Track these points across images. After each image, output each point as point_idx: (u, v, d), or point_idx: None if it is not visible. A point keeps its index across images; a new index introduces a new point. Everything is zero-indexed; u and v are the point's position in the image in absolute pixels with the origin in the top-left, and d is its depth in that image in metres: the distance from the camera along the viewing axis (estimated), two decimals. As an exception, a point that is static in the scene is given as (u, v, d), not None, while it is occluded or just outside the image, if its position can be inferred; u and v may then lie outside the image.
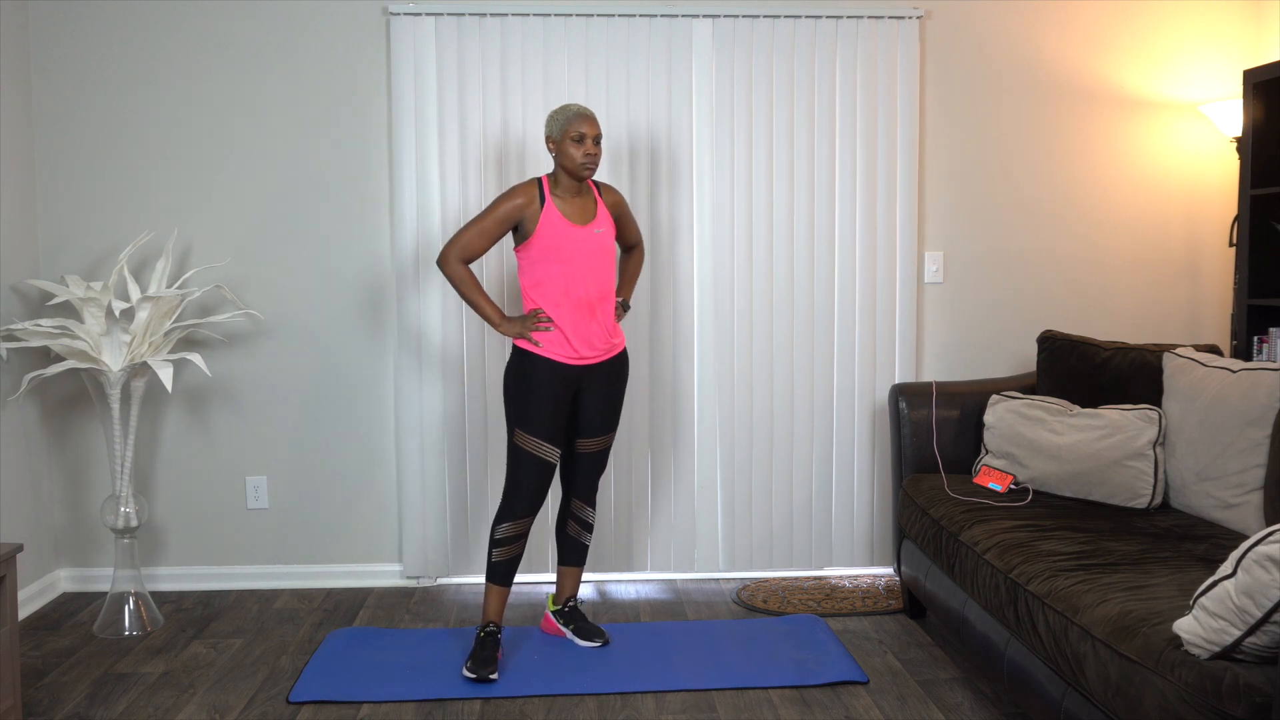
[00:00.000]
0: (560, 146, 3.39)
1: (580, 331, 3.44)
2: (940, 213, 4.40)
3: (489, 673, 3.34)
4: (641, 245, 3.77)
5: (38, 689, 3.36)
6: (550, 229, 3.40)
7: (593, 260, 3.45)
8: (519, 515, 3.45)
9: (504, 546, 3.46)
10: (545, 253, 3.41)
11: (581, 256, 3.43)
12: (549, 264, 3.41)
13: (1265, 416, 3.11)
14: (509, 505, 3.46)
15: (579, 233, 3.43)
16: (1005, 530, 3.17)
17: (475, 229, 3.43)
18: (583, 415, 3.55)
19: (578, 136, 3.37)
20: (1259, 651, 2.10)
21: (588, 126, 3.37)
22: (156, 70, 4.15)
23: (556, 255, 3.41)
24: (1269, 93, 3.91)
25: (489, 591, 3.50)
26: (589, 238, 3.45)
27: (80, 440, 4.24)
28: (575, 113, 3.39)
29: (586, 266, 3.44)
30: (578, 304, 3.43)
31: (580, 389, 3.52)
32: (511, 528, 3.45)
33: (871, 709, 3.17)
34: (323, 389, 4.28)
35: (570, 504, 3.67)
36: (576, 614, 3.69)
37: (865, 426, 4.35)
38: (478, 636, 3.46)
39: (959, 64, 4.34)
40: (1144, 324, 4.48)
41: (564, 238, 3.41)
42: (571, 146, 3.38)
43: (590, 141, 3.38)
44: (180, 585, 4.30)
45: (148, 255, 4.16)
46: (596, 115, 3.50)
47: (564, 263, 3.41)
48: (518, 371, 3.46)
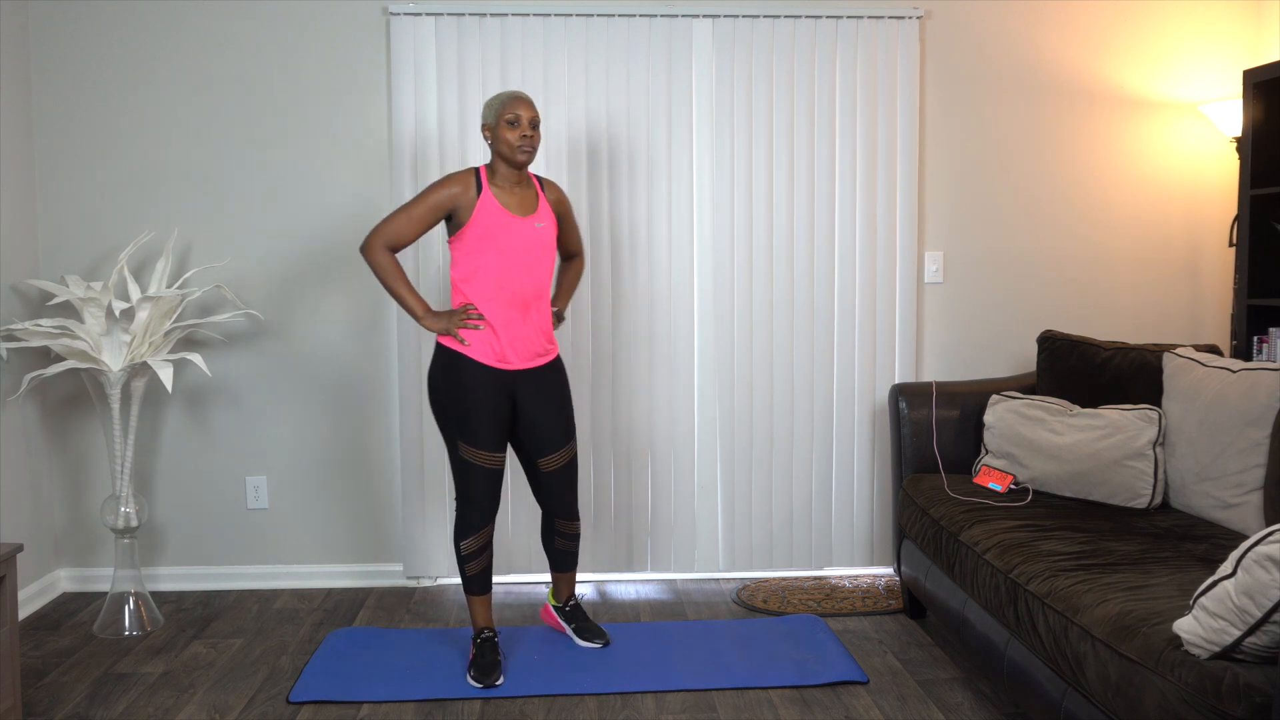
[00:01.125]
0: (496, 132, 3.27)
1: (511, 331, 3.30)
2: (940, 213, 4.40)
3: (494, 679, 3.32)
4: (582, 255, 3.66)
5: (38, 689, 3.36)
6: (486, 217, 3.26)
7: (530, 254, 3.30)
8: (478, 527, 3.36)
9: (472, 560, 3.39)
10: (480, 242, 3.26)
11: (518, 249, 3.28)
12: (483, 254, 3.26)
13: (1265, 416, 3.11)
14: (465, 520, 3.36)
15: (518, 223, 3.29)
16: (1005, 530, 3.17)
17: (404, 215, 3.28)
18: (534, 432, 3.41)
19: (513, 119, 3.25)
20: (1259, 651, 2.10)
21: (523, 109, 3.25)
22: (156, 70, 4.16)
23: (492, 245, 3.26)
24: (1269, 93, 3.91)
25: (472, 603, 3.46)
26: (528, 230, 3.30)
27: (80, 440, 4.24)
28: (510, 95, 3.28)
29: (523, 260, 3.29)
30: (511, 300, 3.29)
31: (517, 398, 3.37)
32: (474, 541, 3.37)
33: (871, 709, 3.17)
34: (323, 389, 4.28)
35: (553, 523, 3.55)
36: (579, 613, 3.68)
37: (865, 426, 4.35)
38: (475, 644, 3.43)
39: (959, 64, 4.35)
40: (1144, 324, 4.48)
41: (501, 227, 3.26)
42: (506, 130, 3.26)
43: (526, 124, 3.26)
44: (180, 585, 4.30)
45: (148, 255, 4.16)
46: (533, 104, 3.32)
47: (499, 253, 3.26)
48: (446, 377, 3.31)
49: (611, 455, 4.29)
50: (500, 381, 3.33)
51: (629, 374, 4.26)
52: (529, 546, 4.28)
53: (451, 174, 3.33)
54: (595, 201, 4.20)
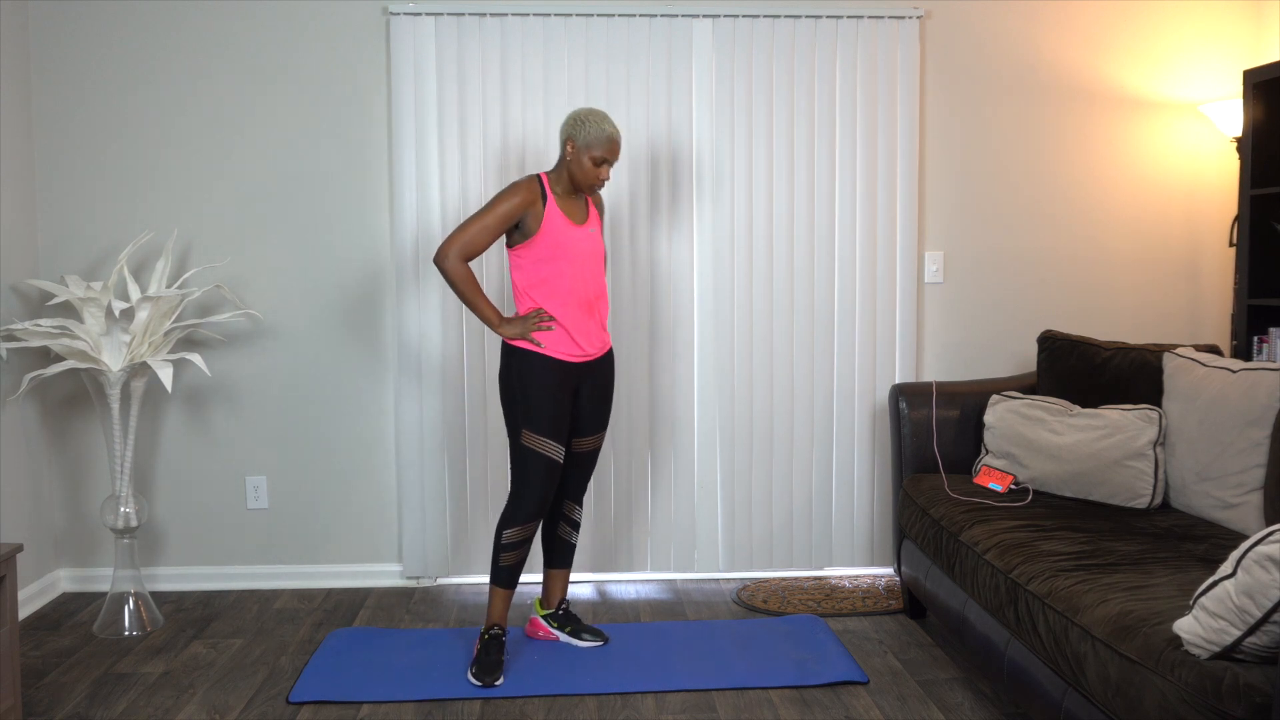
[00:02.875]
0: (578, 156, 3.35)
1: (581, 329, 3.43)
2: (940, 213, 4.40)
3: (494, 679, 3.32)
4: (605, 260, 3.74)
5: (38, 689, 3.36)
6: (554, 228, 3.38)
7: (591, 260, 3.45)
8: (527, 519, 3.39)
9: (511, 551, 3.40)
10: (550, 251, 3.37)
11: (582, 256, 3.42)
12: (554, 263, 3.38)
13: (1265, 416, 3.11)
14: (516, 509, 3.39)
15: (578, 232, 3.42)
16: (1005, 530, 3.17)
17: (478, 225, 3.31)
18: (580, 413, 3.54)
19: (600, 160, 3.35)
20: (1259, 651, 2.10)
21: (613, 154, 3.36)
22: (156, 70, 4.16)
23: (562, 254, 3.38)
24: (1269, 93, 3.91)
25: (494, 595, 3.44)
26: (585, 237, 3.44)
27: (80, 440, 4.24)
28: (609, 136, 3.34)
29: (586, 265, 3.43)
30: (580, 302, 3.42)
31: (578, 387, 3.51)
32: (519, 532, 3.39)
33: (871, 709, 3.17)
34: (323, 389, 4.28)
35: (562, 504, 3.64)
36: (571, 616, 3.67)
37: (865, 426, 4.35)
38: (482, 639, 3.43)
39: (959, 64, 4.35)
40: (1144, 324, 4.48)
41: (567, 236, 3.39)
42: (591, 164, 3.36)
43: (607, 167, 3.38)
44: (180, 585, 4.30)
45: (148, 255, 4.16)
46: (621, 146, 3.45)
47: (569, 261, 3.39)
48: (519, 372, 3.40)
49: (612, 455, 4.29)
50: (569, 374, 3.44)
51: (629, 374, 4.26)
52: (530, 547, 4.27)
53: (518, 183, 3.38)
54: (595, 201, 4.20)
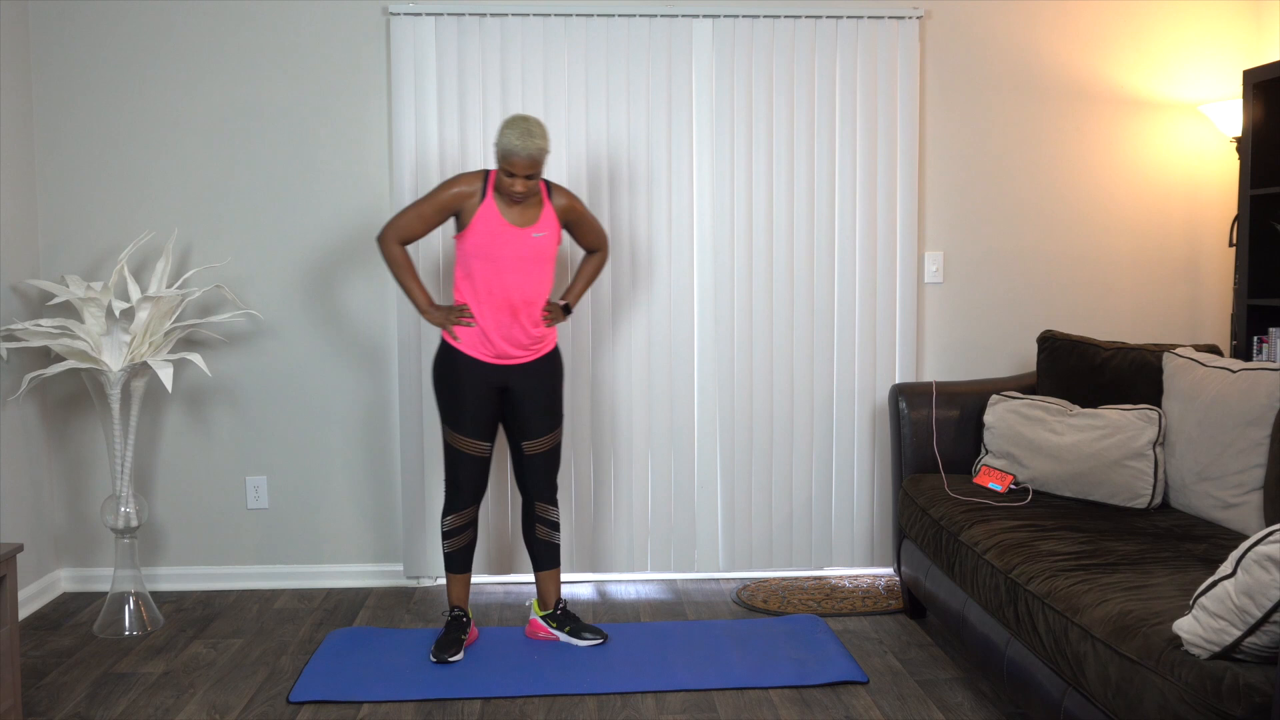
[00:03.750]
0: (498, 164, 3.34)
1: (501, 331, 3.44)
2: (940, 213, 4.40)
3: (449, 655, 3.46)
4: (604, 250, 3.72)
5: (38, 689, 3.36)
6: (485, 225, 3.38)
7: (524, 263, 3.41)
8: (460, 507, 3.57)
9: (453, 538, 3.58)
10: (477, 248, 3.40)
11: (512, 258, 3.40)
12: (479, 260, 3.40)
13: (1265, 416, 3.11)
14: (451, 500, 3.56)
15: (515, 233, 3.40)
16: (1005, 530, 3.17)
17: (414, 212, 3.43)
18: (521, 418, 3.55)
19: (508, 173, 3.33)
20: (1259, 651, 2.10)
21: (519, 168, 3.29)
22: (156, 70, 4.16)
23: (486, 253, 3.39)
24: (1269, 93, 3.91)
25: (449, 579, 3.63)
26: (524, 240, 3.41)
27: (80, 440, 4.24)
28: (512, 149, 3.27)
29: (517, 268, 3.41)
30: (500, 304, 3.42)
31: (508, 388, 3.52)
32: (457, 519, 3.57)
33: (871, 709, 3.17)
34: (323, 389, 4.28)
35: (533, 508, 3.64)
36: (569, 616, 3.67)
37: (865, 426, 4.35)
38: (445, 621, 3.63)
39: (959, 64, 4.35)
40: (1144, 324, 4.48)
41: (498, 236, 3.38)
42: (503, 174, 3.35)
43: (520, 180, 3.32)
44: (180, 585, 4.30)
45: (148, 255, 4.16)
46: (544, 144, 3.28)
47: (493, 261, 3.39)
48: (441, 367, 3.51)
49: (612, 455, 4.29)
50: (491, 375, 3.49)
51: (629, 373, 4.26)
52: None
53: (462, 174, 3.46)
54: (595, 201, 4.19)
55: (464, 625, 3.58)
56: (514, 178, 3.33)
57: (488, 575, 4.31)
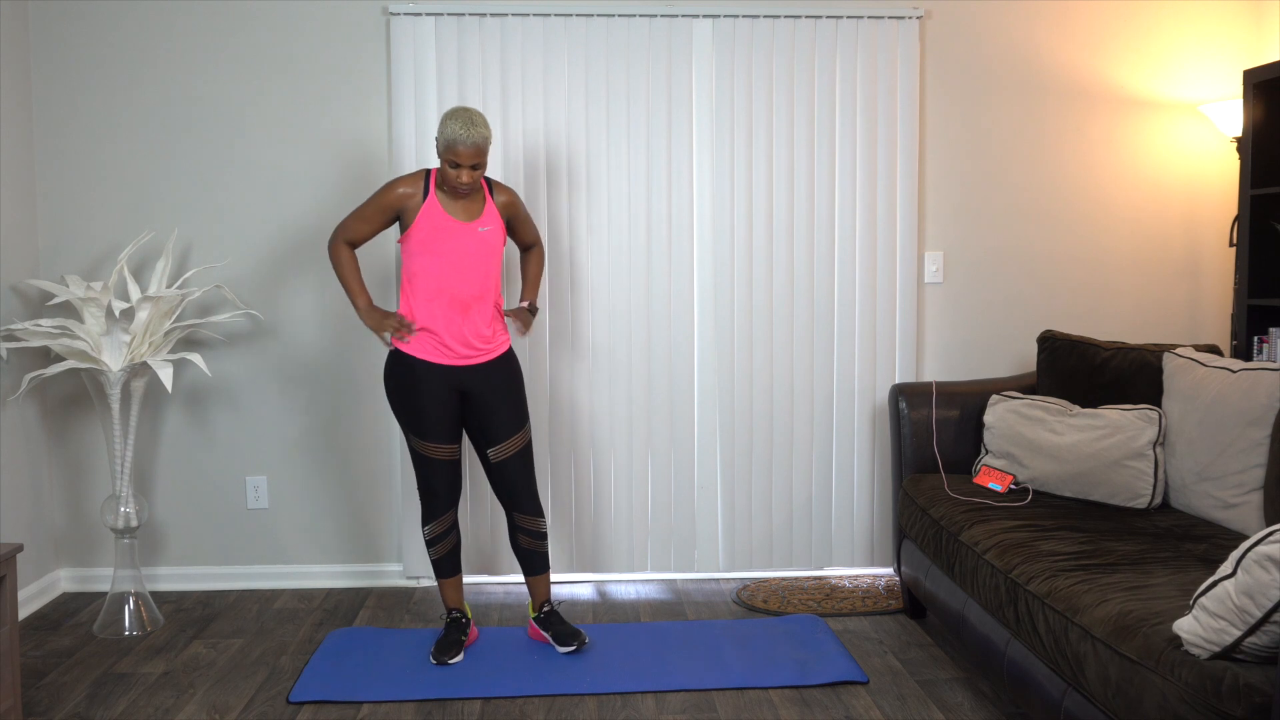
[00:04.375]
0: (441, 157, 3.32)
1: (453, 331, 3.41)
2: (940, 213, 4.40)
3: (448, 656, 3.46)
4: (540, 245, 3.73)
5: (38, 689, 3.36)
6: (429, 222, 3.37)
7: (471, 259, 3.40)
8: (438, 514, 3.55)
9: (437, 544, 3.58)
10: (422, 246, 3.38)
11: (459, 253, 3.38)
12: (425, 258, 3.38)
13: (1265, 416, 3.11)
14: (428, 508, 3.55)
15: (460, 228, 3.38)
16: (1005, 530, 3.17)
17: (358, 214, 3.43)
18: (483, 422, 3.50)
19: (452, 163, 3.29)
20: (1259, 651, 2.10)
21: (463, 157, 3.26)
22: (156, 70, 4.16)
23: (433, 249, 3.37)
24: (1269, 93, 3.91)
25: (440, 585, 3.64)
26: (470, 235, 3.39)
27: (80, 440, 4.24)
28: (453, 137, 3.24)
29: (464, 264, 3.39)
30: (451, 302, 3.40)
31: (465, 391, 3.47)
32: (437, 526, 3.56)
33: (871, 709, 3.17)
34: (323, 389, 4.28)
35: (514, 518, 3.58)
36: (554, 619, 3.63)
37: (865, 426, 4.35)
38: (444, 624, 3.63)
39: (959, 64, 4.35)
40: (1144, 324, 4.48)
41: (443, 232, 3.37)
42: (447, 166, 3.31)
43: (466, 170, 3.29)
44: (180, 585, 4.30)
45: (148, 255, 4.17)
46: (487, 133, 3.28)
47: (440, 257, 3.37)
48: (394, 374, 3.46)
49: (611, 455, 4.29)
50: (448, 377, 3.46)
51: (628, 373, 4.26)
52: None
53: (403, 175, 3.46)
54: (594, 201, 4.20)
55: (464, 626, 3.58)
56: (459, 168, 3.29)
57: (488, 575, 4.31)
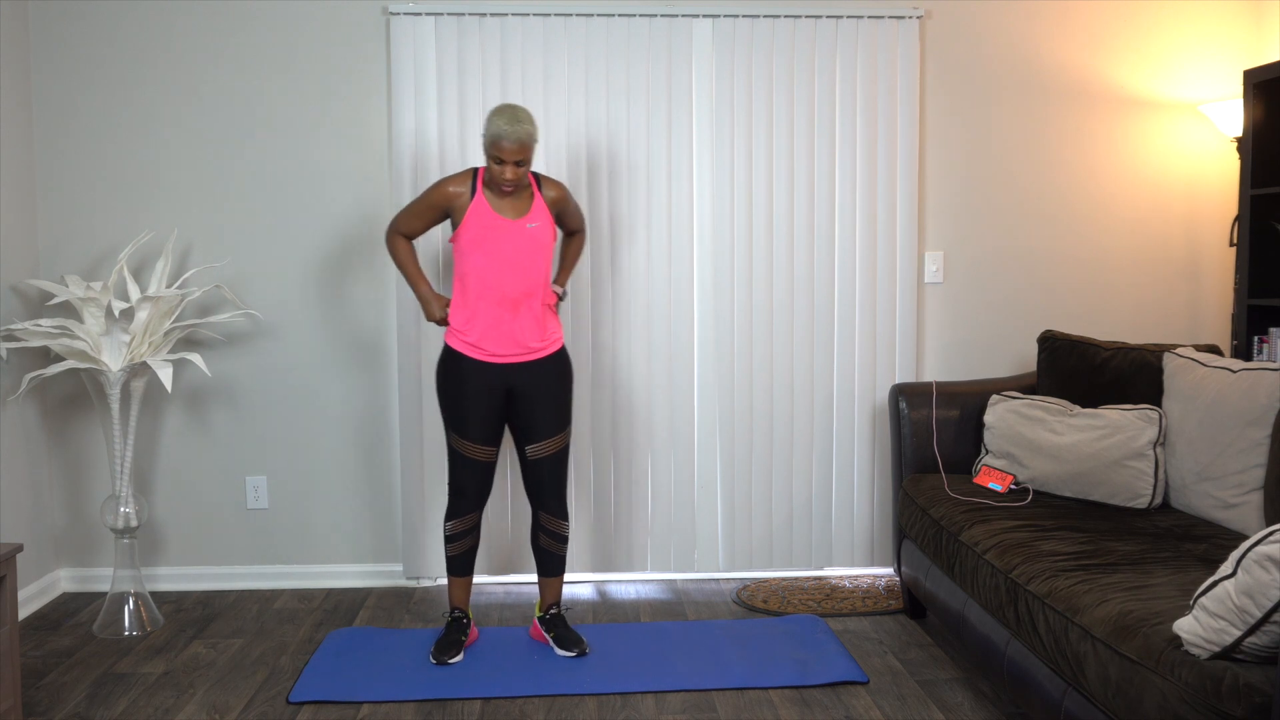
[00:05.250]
0: (487, 153, 3.33)
1: (501, 329, 3.42)
2: (940, 213, 4.40)
3: (448, 656, 3.46)
4: (583, 231, 3.73)
5: (38, 689, 3.36)
6: (477, 221, 3.38)
7: (520, 256, 3.40)
8: (464, 513, 3.55)
9: (455, 542, 3.57)
10: (471, 245, 3.39)
11: (508, 252, 3.39)
12: (473, 257, 3.39)
13: (1265, 416, 3.11)
14: (455, 505, 3.55)
15: (508, 226, 3.38)
16: (1005, 530, 3.17)
17: (409, 209, 3.49)
18: (525, 419, 3.51)
19: (497, 159, 3.31)
20: (1259, 651, 2.10)
21: (508, 153, 3.28)
22: (157, 70, 4.15)
23: (481, 248, 3.38)
24: (1269, 93, 3.91)
25: (450, 582, 3.63)
26: (519, 232, 3.39)
27: (80, 440, 4.24)
28: (499, 133, 3.26)
29: (513, 262, 3.39)
30: (500, 300, 3.41)
31: (512, 389, 3.49)
32: (459, 525, 3.55)
33: (871, 709, 3.17)
34: (323, 389, 4.28)
35: (539, 517, 3.60)
36: (558, 621, 3.64)
37: (865, 426, 4.35)
38: (445, 622, 3.62)
39: (959, 64, 4.35)
40: (1144, 324, 4.48)
41: (491, 229, 3.38)
42: (492, 162, 3.33)
43: (510, 166, 3.30)
44: (180, 585, 4.30)
45: (148, 255, 4.17)
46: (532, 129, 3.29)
47: (488, 256, 3.38)
48: (443, 370, 3.50)
49: (612, 455, 4.29)
50: (495, 376, 3.47)
51: (629, 373, 4.26)
52: (528, 547, 4.28)
53: (451, 175, 3.48)
54: (595, 201, 4.20)
55: (464, 626, 3.58)
56: (503, 164, 3.30)
57: (488, 575, 4.31)
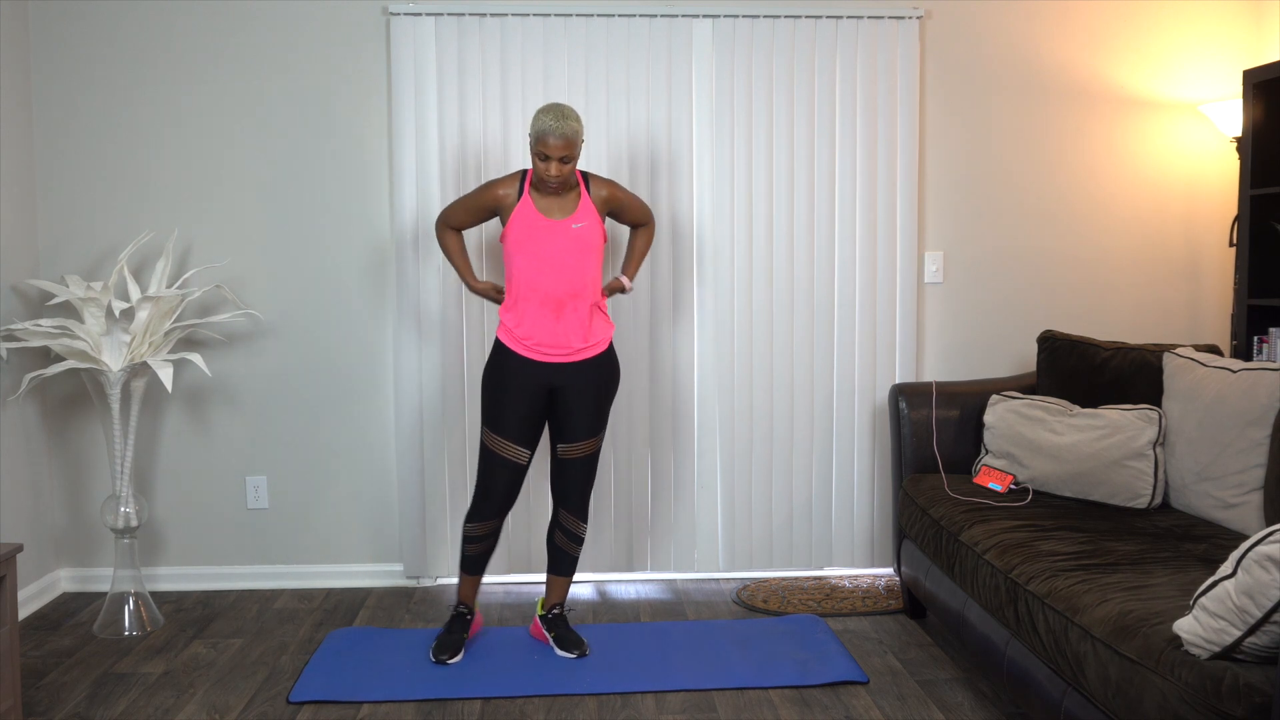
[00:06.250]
0: (532, 151, 3.34)
1: (547, 329, 3.42)
2: (940, 213, 4.40)
3: (447, 656, 3.46)
4: (650, 224, 3.67)
5: (38, 689, 3.36)
6: (522, 221, 3.39)
7: (565, 256, 3.39)
8: (487, 517, 3.49)
9: (474, 543, 3.54)
10: (517, 245, 3.40)
11: (552, 252, 3.39)
12: (519, 257, 3.40)
13: (1265, 416, 3.11)
14: (478, 507, 3.49)
15: (553, 226, 3.38)
16: (1005, 530, 3.17)
17: (459, 203, 3.53)
18: (562, 418, 3.51)
19: (542, 155, 3.30)
20: (1259, 651, 2.10)
21: (553, 149, 3.27)
22: (157, 70, 4.16)
23: (525, 249, 3.39)
24: (1269, 93, 3.91)
25: (461, 577, 3.59)
26: (564, 232, 3.39)
27: (80, 440, 4.24)
28: (545, 129, 3.26)
29: (558, 262, 3.39)
30: (544, 300, 3.40)
31: (555, 389, 3.48)
32: (480, 528, 3.51)
33: (871, 709, 3.17)
34: (323, 389, 4.28)
35: (559, 514, 3.60)
36: (560, 621, 3.64)
37: (865, 426, 4.35)
38: (449, 616, 3.61)
39: (959, 64, 4.35)
40: (1144, 324, 4.48)
41: (536, 230, 3.38)
42: (537, 159, 3.32)
43: (555, 163, 3.29)
44: (180, 585, 4.30)
45: (148, 255, 4.17)
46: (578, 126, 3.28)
47: (532, 256, 3.38)
48: (492, 366, 3.48)
49: (612, 455, 4.29)
50: (539, 374, 3.45)
51: (628, 373, 4.26)
52: (530, 546, 4.28)
53: (501, 177, 3.51)
54: (595, 201, 4.20)
55: (465, 624, 3.58)
56: (549, 161, 3.29)
57: (487, 575, 4.31)
